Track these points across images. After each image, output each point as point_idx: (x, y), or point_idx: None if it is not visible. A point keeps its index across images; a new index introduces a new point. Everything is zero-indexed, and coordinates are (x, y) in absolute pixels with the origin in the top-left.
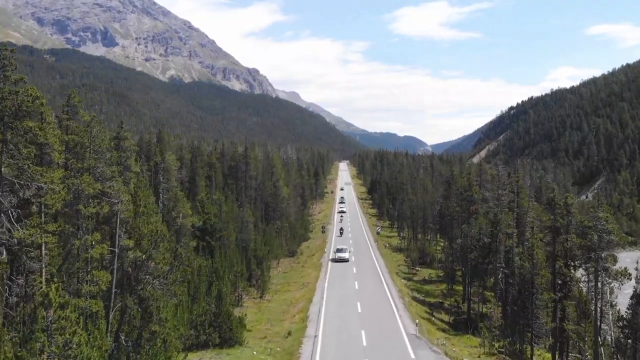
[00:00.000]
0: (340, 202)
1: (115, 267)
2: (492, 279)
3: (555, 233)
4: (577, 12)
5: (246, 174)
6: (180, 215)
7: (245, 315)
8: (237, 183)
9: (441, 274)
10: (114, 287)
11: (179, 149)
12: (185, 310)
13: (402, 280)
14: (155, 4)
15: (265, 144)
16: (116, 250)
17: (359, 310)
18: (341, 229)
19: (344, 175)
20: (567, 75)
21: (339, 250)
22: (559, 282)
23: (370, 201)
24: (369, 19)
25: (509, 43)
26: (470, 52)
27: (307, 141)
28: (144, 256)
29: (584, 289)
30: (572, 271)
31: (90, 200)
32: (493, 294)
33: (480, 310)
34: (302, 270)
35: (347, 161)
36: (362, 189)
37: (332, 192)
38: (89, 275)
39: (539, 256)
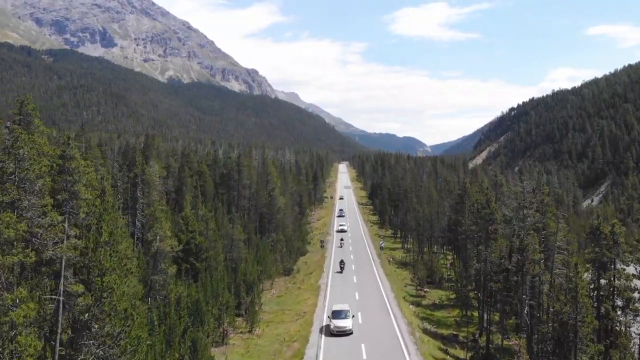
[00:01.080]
0: (340, 216)
1: (60, 320)
2: (509, 307)
3: (600, 269)
4: (576, 12)
5: (239, 183)
6: (157, 237)
7: None
8: (229, 193)
9: (452, 297)
10: (57, 345)
11: (167, 156)
12: (158, 358)
13: (410, 305)
14: (154, 4)
15: (263, 145)
16: (60, 298)
17: (364, 357)
18: (342, 262)
19: (343, 178)
20: (566, 76)
21: (336, 315)
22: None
23: (371, 206)
24: (368, 20)
25: (509, 44)
26: (469, 53)
27: (307, 142)
28: (87, 315)
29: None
30: (618, 313)
31: (13, 244)
32: (514, 321)
33: (502, 344)
34: (298, 293)
35: (347, 162)
36: (362, 193)
37: (331, 198)
38: (12, 344)
39: (584, 300)
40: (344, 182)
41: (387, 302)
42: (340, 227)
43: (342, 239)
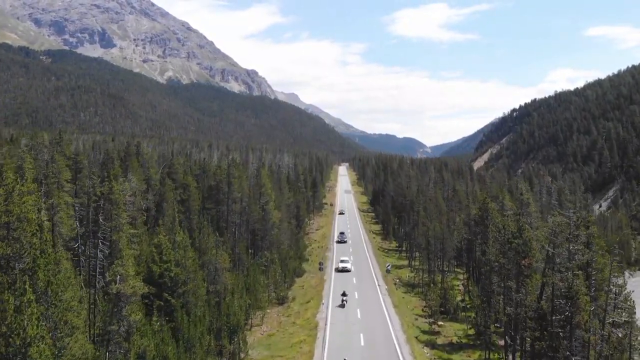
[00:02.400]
0: (340, 241)
1: None
2: None
3: None
4: (576, 13)
5: (229, 197)
6: (117, 278)
7: None
8: (218, 207)
9: (470, 332)
10: None
11: (149, 166)
12: None
13: (424, 348)
14: (153, 5)
15: (262, 148)
16: None
17: None
18: None
19: (343, 182)
20: (566, 76)
21: None
22: None
23: (373, 214)
24: (367, 21)
25: (508, 44)
26: (469, 54)
27: (306, 143)
28: None
29: None
30: None
31: None
32: None
33: None
34: (292, 331)
35: (347, 164)
36: (364, 199)
37: (331, 205)
38: None
39: None
40: (344, 186)
41: (399, 349)
42: (341, 266)
43: (344, 295)
